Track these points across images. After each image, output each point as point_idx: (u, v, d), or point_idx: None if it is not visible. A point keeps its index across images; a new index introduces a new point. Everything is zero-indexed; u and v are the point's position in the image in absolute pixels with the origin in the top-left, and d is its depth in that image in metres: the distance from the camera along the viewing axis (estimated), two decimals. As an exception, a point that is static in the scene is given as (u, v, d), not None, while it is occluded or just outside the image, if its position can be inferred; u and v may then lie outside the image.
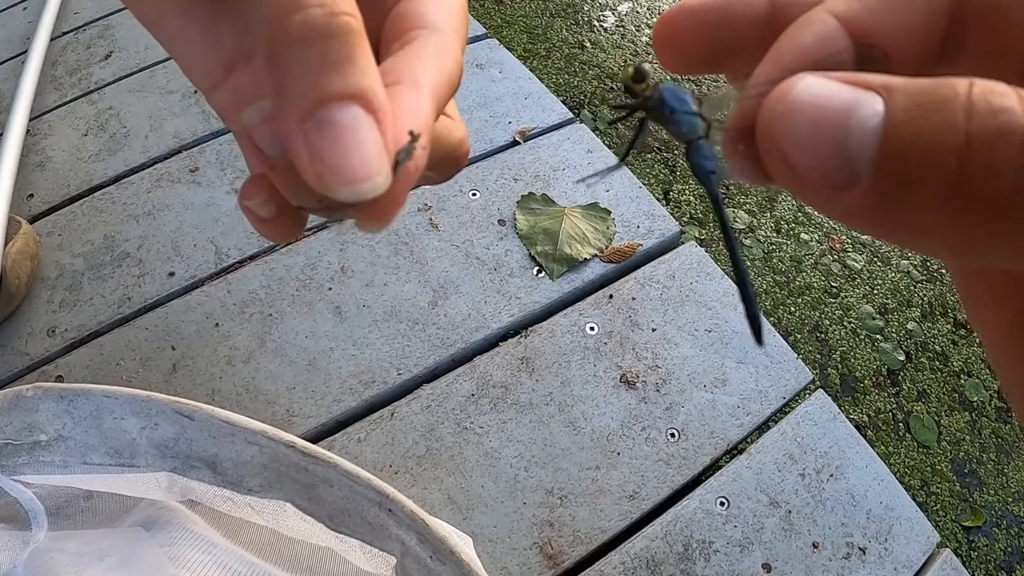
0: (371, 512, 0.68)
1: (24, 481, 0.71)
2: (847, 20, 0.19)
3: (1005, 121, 0.14)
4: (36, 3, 1.48)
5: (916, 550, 0.88)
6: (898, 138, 0.15)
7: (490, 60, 1.33)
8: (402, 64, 0.24)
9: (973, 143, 0.14)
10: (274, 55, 0.20)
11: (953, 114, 0.14)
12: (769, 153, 0.17)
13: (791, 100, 0.17)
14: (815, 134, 0.16)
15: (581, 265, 1.05)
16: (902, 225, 0.16)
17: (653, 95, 0.27)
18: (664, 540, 0.85)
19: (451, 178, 0.30)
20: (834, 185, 0.16)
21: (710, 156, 0.25)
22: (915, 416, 1.68)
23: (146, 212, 1.10)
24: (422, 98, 0.23)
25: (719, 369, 0.97)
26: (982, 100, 0.14)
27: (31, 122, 1.22)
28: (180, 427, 0.71)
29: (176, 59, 0.26)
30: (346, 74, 0.20)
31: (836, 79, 0.17)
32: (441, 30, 0.26)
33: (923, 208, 0.15)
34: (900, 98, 0.15)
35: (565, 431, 0.91)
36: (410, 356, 0.96)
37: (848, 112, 0.16)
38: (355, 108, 0.20)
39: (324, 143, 0.20)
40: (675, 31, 0.23)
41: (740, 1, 0.23)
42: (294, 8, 0.20)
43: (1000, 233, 0.15)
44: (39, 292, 1.01)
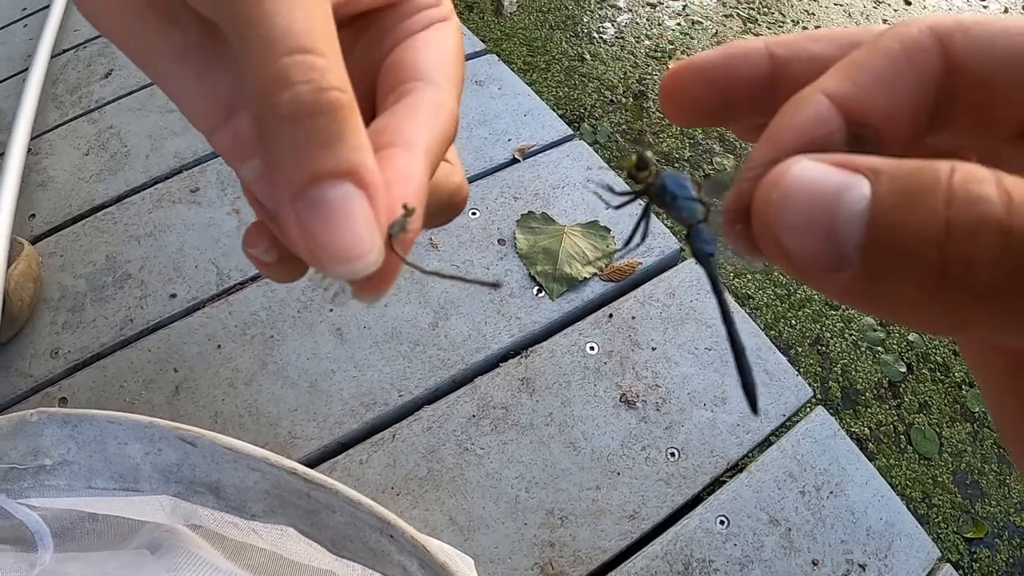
0: (372, 538, 0.68)
1: (30, 504, 0.72)
2: (839, 99, 0.20)
3: (982, 211, 0.15)
4: (36, 20, 1.50)
5: (916, 566, 0.88)
6: (883, 226, 0.16)
7: (489, 76, 1.34)
8: (396, 124, 0.24)
9: (952, 233, 0.15)
10: (264, 132, 0.20)
11: (934, 203, 0.15)
12: (763, 236, 0.18)
13: (784, 186, 0.18)
14: (807, 219, 0.17)
15: (581, 284, 1.05)
16: (890, 306, 0.17)
17: (655, 182, 0.28)
18: (664, 559, 0.85)
19: (449, 222, 0.30)
20: (825, 268, 0.17)
21: (709, 240, 0.26)
22: (917, 428, 1.68)
23: (147, 233, 1.10)
24: (415, 162, 0.23)
25: (719, 387, 0.98)
26: (962, 189, 0.15)
27: (32, 141, 1.23)
28: (183, 453, 0.71)
29: (175, 102, 0.26)
30: (336, 151, 0.20)
31: (827, 162, 0.17)
32: (436, 81, 0.26)
33: (908, 291, 0.16)
34: (886, 182, 0.16)
35: (565, 451, 0.92)
36: (411, 377, 0.96)
37: (837, 197, 0.17)
38: (346, 185, 0.20)
39: (316, 222, 0.20)
40: (680, 87, 0.24)
41: (741, 59, 0.24)
42: (283, 85, 0.20)
43: (979, 315, 0.15)
44: (42, 314, 1.02)
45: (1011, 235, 0.15)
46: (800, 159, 0.18)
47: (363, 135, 0.21)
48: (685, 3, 2.65)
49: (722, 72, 0.24)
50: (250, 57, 0.20)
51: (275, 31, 0.20)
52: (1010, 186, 0.15)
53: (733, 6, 2.67)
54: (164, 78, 0.26)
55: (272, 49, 0.20)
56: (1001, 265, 0.15)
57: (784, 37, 0.24)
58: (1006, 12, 2.84)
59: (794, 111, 0.20)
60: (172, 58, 0.25)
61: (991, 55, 0.20)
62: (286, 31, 0.20)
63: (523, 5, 2.55)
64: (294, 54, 0.20)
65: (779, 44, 0.24)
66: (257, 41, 0.20)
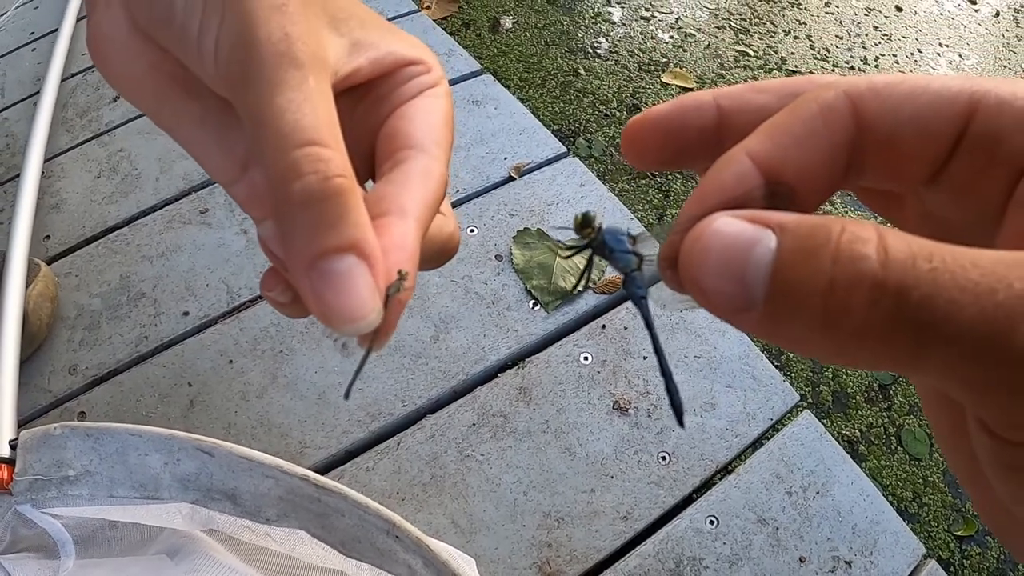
0: (380, 539, 0.72)
1: (53, 513, 0.75)
2: (759, 159, 0.22)
3: (859, 269, 0.17)
4: (44, 44, 1.53)
5: (901, 562, 0.91)
6: (782, 278, 0.19)
7: (486, 96, 1.37)
8: (392, 193, 0.28)
9: (834, 288, 0.18)
10: (280, 215, 0.24)
11: (823, 262, 0.18)
12: (687, 280, 0.21)
13: (705, 239, 0.21)
14: (721, 268, 0.20)
15: (575, 297, 1.09)
16: (788, 340, 0.20)
17: (596, 237, 0.32)
18: (656, 558, 0.89)
19: (443, 265, 0.34)
20: (737, 309, 0.20)
21: (641, 285, 0.30)
22: (907, 429, 1.71)
23: (159, 253, 1.14)
24: (409, 230, 0.27)
25: (708, 394, 1.01)
26: (847, 248, 0.18)
27: (44, 164, 1.26)
28: (201, 462, 0.75)
29: (195, 159, 0.29)
30: (341, 230, 0.23)
31: (743, 218, 0.20)
32: (426, 149, 0.30)
33: (801, 331, 0.19)
34: (788, 240, 0.19)
35: (561, 457, 0.95)
36: (414, 388, 1.00)
37: (748, 250, 0.19)
38: (350, 257, 0.23)
39: (325, 289, 0.23)
40: (638, 138, 0.27)
41: (692, 112, 0.26)
42: (294, 175, 0.23)
43: (859, 350, 0.18)
44: (59, 332, 1.06)
45: (884, 288, 0.17)
46: (719, 216, 0.21)
47: (363, 213, 0.24)
48: (678, 16, 2.68)
49: (674, 124, 0.26)
50: (265, 149, 0.24)
51: (286, 127, 0.24)
52: (890, 244, 0.17)
53: (725, 18, 2.70)
54: (184, 141, 0.29)
55: (284, 143, 0.23)
56: (874, 312, 0.17)
57: (731, 89, 0.26)
58: (997, 15, 2.87)
59: (721, 170, 0.23)
60: (192, 124, 0.29)
61: (897, 116, 0.22)
62: (295, 126, 0.24)
63: (519, 22, 2.58)
64: (303, 147, 0.23)
65: (726, 96, 0.26)
66: (271, 136, 0.24)
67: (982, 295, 0.16)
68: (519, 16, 2.61)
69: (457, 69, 1.42)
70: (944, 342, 0.17)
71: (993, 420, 0.18)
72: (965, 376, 0.17)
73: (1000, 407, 0.17)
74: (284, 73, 0.24)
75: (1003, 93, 0.21)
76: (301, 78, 0.24)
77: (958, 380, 0.17)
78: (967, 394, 0.18)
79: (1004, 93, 0.21)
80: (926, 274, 0.17)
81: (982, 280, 0.17)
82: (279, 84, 0.24)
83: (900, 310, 0.17)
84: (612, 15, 2.66)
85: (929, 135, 0.22)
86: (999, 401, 0.17)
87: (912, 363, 0.17)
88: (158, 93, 0.28)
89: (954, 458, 0.25)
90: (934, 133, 0.22)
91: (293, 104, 0.24)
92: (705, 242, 0.21)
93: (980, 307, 0.16)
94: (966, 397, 0.18)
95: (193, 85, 0.28)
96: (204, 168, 0.30)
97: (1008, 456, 0.19)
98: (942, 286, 0.17)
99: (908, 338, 0.17)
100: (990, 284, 0.16)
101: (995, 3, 2.92)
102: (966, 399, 0.18)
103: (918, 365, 0.17)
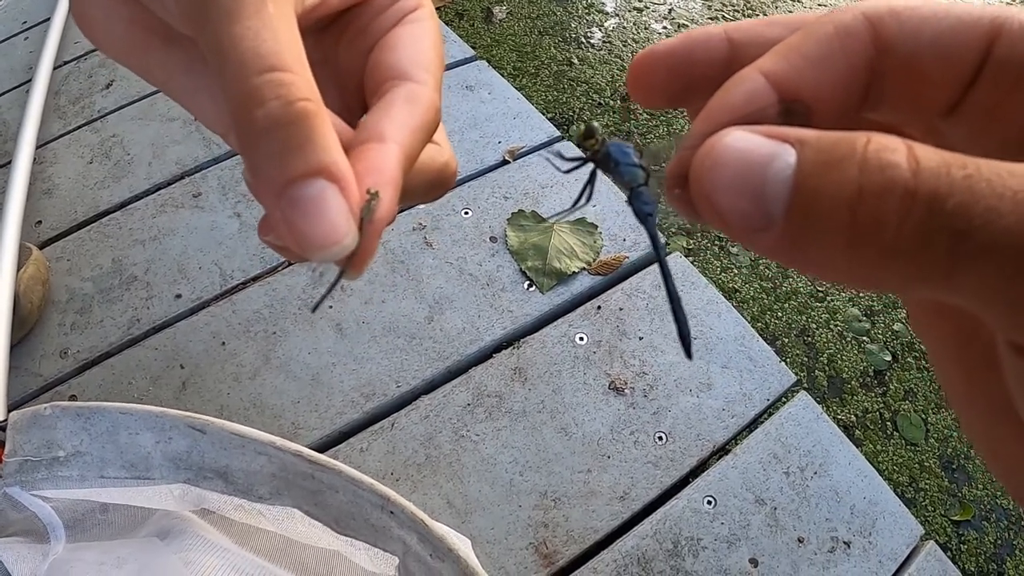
0: (374, 515, 0.71)
1: (43, 496, 0.74)
2: (773, 77, 0.21)
3: (890, 176, 0.16)
4: (37, 33, 1.52)
5: (900, 543, 0.90)
6: (805, 191, 0.18)
7: (479, 82, 1.37)
8: (373, 122, 0.27)
9: (863, 196, 0.17)
10: (244, 144, 0.23)
11: (849, 170, 0.17)
12: (699, 198, 0.20)
13: (717, 153, 0.19)
14: (737, 183, 0.19)
15: (570, 278, 1.09)
16: (809, 261, 0.19)
17: (601, 149, 0.30)
18: (654, 538, 0.88)
19: (441, 197, 0.33)
20: (753, 228, 0.19)
21: (649, 201, 0.28)
22: (902, 415, 1.71)
23: (152, 237, 1.14)
24: (387, 153, 0.26)
25: (704, 374, 1.01)
26: (874, 156, 0.17)
27: (37, 150, 1.26)
28: (193, 440, 0.74)
29: (189, 111, 0.29)
30: (308, 154, 0.22)
31: (758, 132, 0.19)
32: (412, 76, 0.29)
33: (825, 249, 0.18)
34: (809, 152, 0.18)
35: (557, 437, 0.95)
36: (408, 369, 1.00)
37: (766, 164, 0.18)
38: (320, 181, 0.23)
39: (296, 216, 0.23)
40: (645, 72, 0.26)
41: (701, 44, 0.25)
42: (256, 102, 0.22)
43: (888, 269, 0.17)
44: (51, 315, 1.05)
45: (916, 197, 0.16)
46: (733, 130, 0.19)
47: (332, 136, 0.23)
48: (671, 7, 2.68)
49: (683, 57, 0.25)
50: (225, 79, 0.23)
51: (245, 54, 0.23)
52: (920, 154, 0.17)
53: (719, 8, 2.69)
54: (174, 92, 0.29)
55: (244, 71, 0.23)
56: (906, 223, 0.16)
57: (742, 23, 0.25)
58: None
59: (732, 88, 0.22)
60: (180, 75, 0.28)
61: (918, 39, 0.21)
62: (254, 53, 0.23)
63: (513, 12, 2.58)
64: (264, 73, 0.23)
65: (736, 29, 0.25)
66: (230, 64, 0.23)
67: (1022, 202, 0.16)
68: (512, 6, 2.61)
69: (451, 55, 1.41)
70: (982, 253, 0.16)
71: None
72: (1003, 291, 0.16)
73: None
74: (241, 1, 0.23)
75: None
76: (259, 4, 0.23)
77: (995, 296, 0.16)
78: (1003, 313, 0.17)
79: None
80: (960, 181, 0.16)
81: (1021, 187, 0.16)
82: (236, 12, 0.23)
83: (934, 219, 0.16)
84: (605, 5, 2.66)
85: (951, 58, 0.21)
86: None
87: (946, 280, 0.16)
88: (141, 47, 0.28)
89: (968, 412, 0.24)
90: (956, 56, 0.21)
91: (251, 31, 0.23)
92: (718, 155, 0.19)
93: (1021, 214, 0.15)
94: (1002, 317, 0.17)
95: (173, 33, 0.27)
96: (200, 120, 0.29)
97: None
98: (979, 193, 0.16)
99: (943, 250, 0.16)
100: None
101: None
102: (1002, 320, 0.17)
103: (952, 282, 0.16)
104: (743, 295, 1.87)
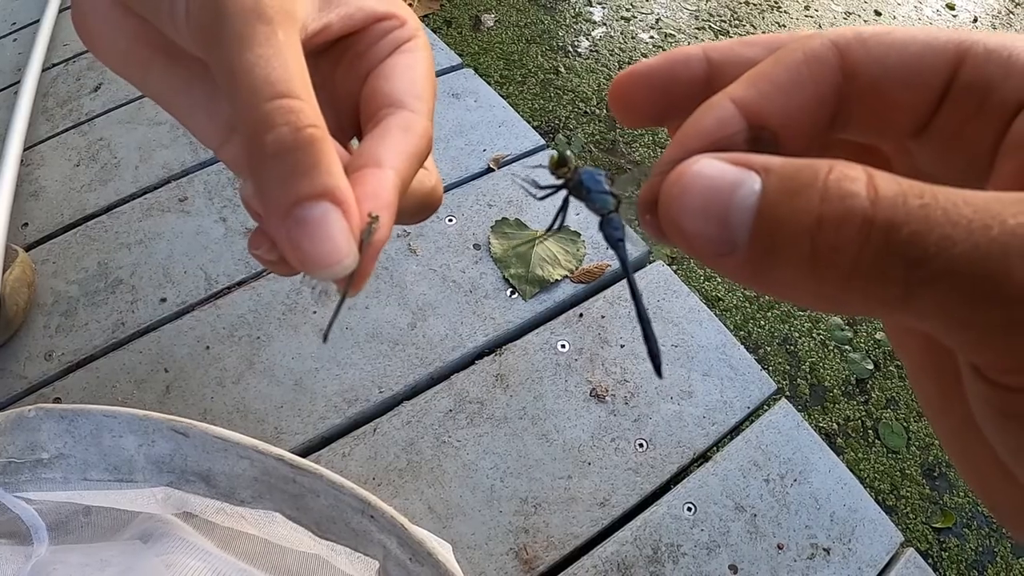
0: (355, 519, 0.72)
1: (26, 498, 0.74)
2: (742, 104, 0.22)
3: (849, 205, 0.17)
4: (26, 35, 1.52)
5: (880, 549, 0.91)
6: (767, 218, 0.18)
7: (465, 89, 1.38)
8: (370, 148, 0.28)
9: (823, 224, 0.17)
10: (254, 166, 0.24)
11: (811, 199, 0.18)
12: (667, 223, 0.21)
13: (685, 180, 0.20)
14: (703, 209, 0.20)
15: (552, 286, 1.09)
16: (772, 284, 0.19)
17: (574, 177, 0.32)
18: (634, 544, 0.89)
19: (427, 218, 0.34)
20: (718, 252, 0.20)
21: (619, 227, 0.30)
22: (884, 423, 1.73)
23: (138, 240, 1.14)
24: (384, 179, 0.27)
25: (685, 382, 1.02)
26: (835, 185, 0.17)
27: (24, 152, 1.25)
28: (176, 444, 0.75)
29: (184, 126, 0.30)
30: (313, 177, 0.24)
31: (725, 159, 0.20)
32: (406, 105, 0.30)
33: (787, 273, 0.18)
34: (774, 180, 0.19)
35: (538, 443, 0.96)
36: (391, 375, 1.00)
37: (731, 191, 0.19)
38: (324, 204, 0.24)
39: (301, 236, 0.24)
40: (626, 91, 0.27)
41: (681, 64, 0.26)
42: (266, 128, 0.24)
43: (849, 293, 0.18)
44: (36, 318, 1.05)
45: (873, 225, 0.17)
46: (701, 158, 0.20)
47: (336, 161, 0.25)
48: (659, 17, 2.70)
49: (664, 77, 0.26)
50: (238, 104, 0.24)
51: (257, 81, 0.24)
52: (879, 183, 0.17)
53: (705, 19, 2.71)
54: (173, 108, 0.30)
55: (256, 97, 0.24)
56: (864, 251, 0.17)
57: (720, 43, 0.26)
58: (975, 21, 2.90)
59: (702, 115, 0.23)
60: (178, 91, 0.29)
61: (884, 65, 0.22)
62: (266, 80, 0.24)
63: (501, 20, 2.59)
64: (274, 99, 0.24)
65: (715, 50, 0.26)
66: (242, 91, 0.24)
67: (976, 231, 0.16)
68: (501, 14, 2.62)
69: (438, 63, 1.41)
70: (937, 279, 0.16)
71: (988, 365, 0.18)
72: (958, 316, 0.17)
73: (995, 350, 0.17)
74: (253, 28, 0.24)
75: (991, 43, 0.21)
76: (270, 32, 0.25)
77: (951, 321, 0.17)
78: (960, 337, 0.17)
79: (992, 43, 0.21)
80: (917, 210, 0.16)
81: (975, 216, 0.16)
82: (248, 39, 0.24)
83: (890, 246, 0.17)
84: (593, 15, 2.68)
85: (916, 84, 0.22)
86: (994, 343, 0.17)
87: (903, 304, 0.17)
88: (143, 62, 0.29)
89: (942, 425, 0.24)
90: (921, 82, 0.22)
91: (263, 59, 0.24)
92: (686, 183, 0.20)
93: (974, 242, 0.16)
94: (959, 341, 0.18)
95: (176, 51, 0.28)
96: (194, 134, 0.30)
97: (1005, 404, 0.18)
98: (934, 221, 0.16)
99: (899, 276, 0.17)
100: (983, 220, 0.16)
101: (973, 9, 2.96)
102: (959, 344, 0.18)
103: (909, 306, 0.17)
104: (726, 304, 1.88)
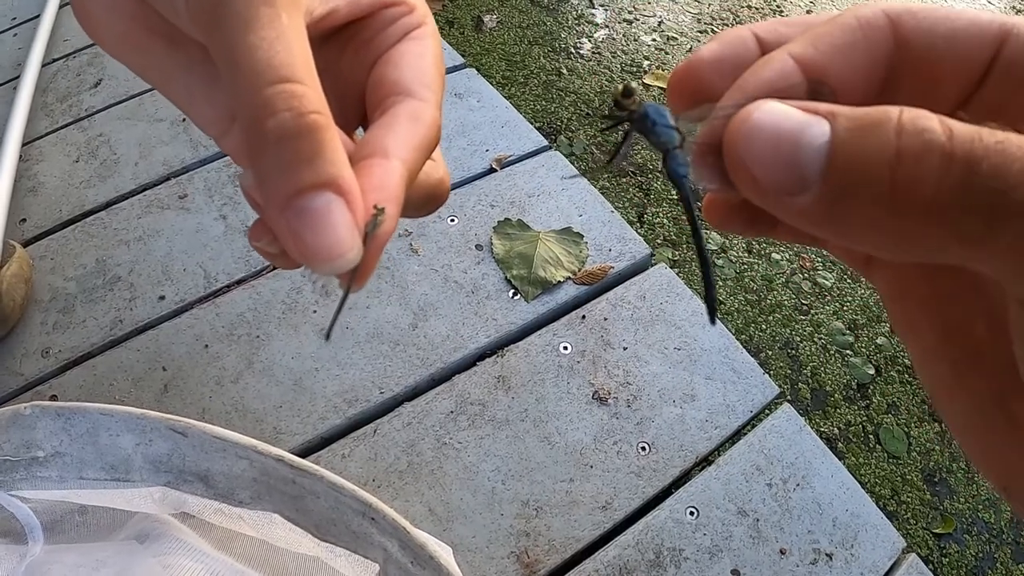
0: (355, 521, 0.71)
1: (21, 496, 0.73)
2: (802, 60, 0.23)
3: (928, 139, 0.18)
4: (26, 30, 1.51)
5: (882, 555, 0.90)
6: (842, 154, 0.19)
7: (468, 90, 1.37)
8: (377, 137, 0.27)
9: (902, 157, 0.18)
10: (255, 152, 0.23)
11: (887, 134, 0.18)
12: (733, 165, 0.21)
13: (753, 121, 0.21)
14: (772, 149, 0.20)
15: (555, 287, 1.09)
16: (845, 224, 0.20)
17: (638, 109, 0.30)
18: (636, 548, 0.88)
19: (434, 211, 0.33)
20: (787, 192, 0.20)
21: (684, 163, 0.28)
22: (885, 428, 1.72)
23: (137, 237, 1.13)
24: (390, 170, 0.26)
25: (688, 385, 1.01)
26: (910, 122, 0.18)
27: (22, 148, 1.25)
28: (174, 443, 0.74)
29: (185, 114, 0.29)
30: (316, 166, 0.23)
31: (791, 104, 0.20)
32: (415, 93, 0.29)
33: (863, 210, 0.19)
34: (844, 121, 0.19)
35: (540, 446, 0.95)
36: (392, 376, 0.99)
37: (800, 132, 0.19)
38: (327, 194, 0.23)
39: (303, 228, 0.23)
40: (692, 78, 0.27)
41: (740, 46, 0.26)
42: (268, 113, 0.22)
43: (927, 228, 0.18)
44: (33, 314, 1.04)
45: (953, 158, 0.17)
46: (766, 101, 0.21)
47: (340, 150, 0.24)
48: (661, 19, 2.69)
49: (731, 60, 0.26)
50: (238, 88, 0.23)
51: (258, 64, 0.23)
52: (951, 123, 0.18)
53: (708, 22, 2.71)
54: (171, 92, 0.29)
55: (257, 81, 0.23)
56: (945, 183, 0.17)
57: (761, 24, 0.26)
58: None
59: (763, 65, 0.23)
60: (179, 77, 0.28)
61: (933, 35, 0.23)
62: (268, 63, 0.23)
63: (503, 21, 2.59)
64: (276, 84, 0.23)
65: (760, 29, 0.26)
66: (244, 74, 0.23)
67: None
68: (503, 15, 2.62)
69: (440, 61, 1.41)
70: (1019, 212, 0.17)
71: None
72: None
73: None
74: (256, 10, 0.24)
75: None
76: (273, 15, 0.24)
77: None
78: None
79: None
80: (994, 146, 0.17)
81: None
82: (251, 21, 0.23)
83: (972, 179, 0.17)
84: (595, 17, 2.67)
85: (963, 56, 0.23)
86: None
87: (982, 241, 0.17)
88: (142, 47, 0.28)
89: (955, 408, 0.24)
90: (968, 54, 0.23)
91: (265, 42, 0.23)
92: (753, 124, 0.21)
93: None
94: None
95: (176, 35, 0.27)
96: (196, 122, 0.29)
97: None
98: (1012, 156, 0.17)
99: (983, 207, 0.17)
100: None
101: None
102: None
103: (988, 243, 0.17)
104: (728, 307, 1.88)
